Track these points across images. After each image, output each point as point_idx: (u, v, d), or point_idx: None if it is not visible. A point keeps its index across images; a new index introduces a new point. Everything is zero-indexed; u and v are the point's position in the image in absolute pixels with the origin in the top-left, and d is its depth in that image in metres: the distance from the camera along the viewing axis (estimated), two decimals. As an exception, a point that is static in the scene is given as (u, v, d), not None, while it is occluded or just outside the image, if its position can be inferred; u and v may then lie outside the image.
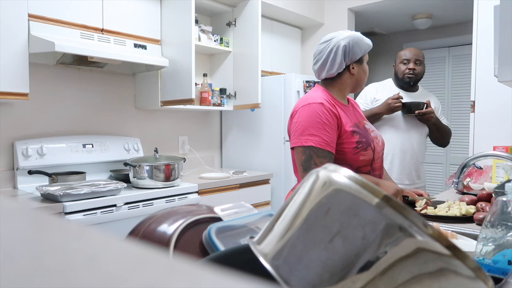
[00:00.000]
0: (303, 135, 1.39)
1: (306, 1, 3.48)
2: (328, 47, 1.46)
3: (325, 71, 1.48)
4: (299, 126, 1.40)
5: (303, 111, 1.41)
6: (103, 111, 2.55)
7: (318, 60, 1.50)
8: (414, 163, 2.27)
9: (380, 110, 2.12)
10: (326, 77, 1.51)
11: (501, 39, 1.37)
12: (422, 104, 2.13)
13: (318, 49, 1.50)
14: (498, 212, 0.77)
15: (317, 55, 1.51)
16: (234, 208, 0.70)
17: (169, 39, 2.53)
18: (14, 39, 1.87)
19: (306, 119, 1.40)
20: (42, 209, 1.72)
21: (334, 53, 1.45)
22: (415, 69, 2.23)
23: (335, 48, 1.44)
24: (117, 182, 2.02)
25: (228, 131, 3.31)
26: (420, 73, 2.27)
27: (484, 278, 0.40)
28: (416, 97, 2.27)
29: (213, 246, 0.59)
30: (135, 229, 0.64)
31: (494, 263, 0.77)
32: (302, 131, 1.39)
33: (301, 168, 1.40)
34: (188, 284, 0.18)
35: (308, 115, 1.40)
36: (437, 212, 1.39)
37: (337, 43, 1.45)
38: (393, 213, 0.40)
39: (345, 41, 1.44)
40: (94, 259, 0.19)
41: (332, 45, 1.45)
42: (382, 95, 2.24)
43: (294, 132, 1.42)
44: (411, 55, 2.26)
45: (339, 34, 1.47)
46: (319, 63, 1.49)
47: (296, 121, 1.42)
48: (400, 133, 2.21)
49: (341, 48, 1.44)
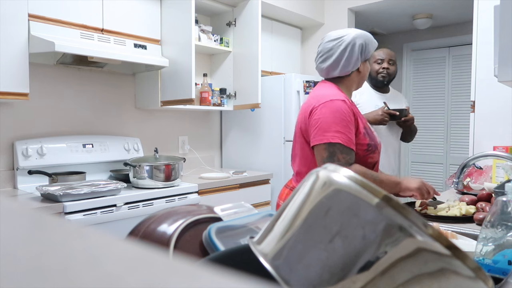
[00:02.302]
0: (329, 132, 1.36)
1: (306, 1, 3.48)
2: (341, 45, 1.45)
3: (338, 68, 1.47)
4: (323, 123, 1.38)
5: (326, 107, 1.38)
6: (103, 111, 2.55)
7: (327, 57, 1.47)
8: (396, 163, 2.38)
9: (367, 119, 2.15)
10: (339, 75, 1.49)
11: (501, 39, 1.37)
12: (405, 110, 2.23)
13: (326, 47, 1.48)
14: (498, 212, 0.77)
15: (325, 53, 1.48)
16: (234, 208, 0.70)
17: (169, 39, 2.53)
18: (14, 39, 1.87)
19: (330, 115, 1.37)
20: (42, 209, 1.72)
21: (350, 51, 1.44)
22: (388, 68, 2.31)
23: (351, 46, 1.44)
24: (117, 182, 2.02)
25: (228, 131, 3.31)
26: (393, 72, 2.35)
27: (484, 278, 0.40)
28: (388, 98, 2.37)
29: (213, 246, 0.59)
30: (135, 229, 0.64)
31: (494, 263, 0.77)
32: (328, 127, 1.37)
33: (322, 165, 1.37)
34: (188, 284, 0.18)
35: (332, 111, 1.38)
36: (437, 212, 1.39)
37: (352, 41, 1.44)
38: (393, 213, 0.40)
39: (361, 40, 1.45)
40: (94, 259, 0.19)
41: (346, 43, 1.44)
42: (361, 97, 2.31)
43: (317, 128, 1.39)
44: (385, 55, 2.33)
45: (350, 31, 1.47)
46: (329, 61, 1.47)
47: (319, 118, 1.39)
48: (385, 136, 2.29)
49: (357, 46, 1.44)
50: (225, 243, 0.60)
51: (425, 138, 4.69)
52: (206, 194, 2.40)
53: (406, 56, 4.79)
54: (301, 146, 1.49)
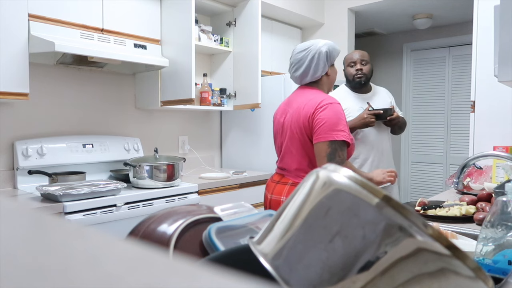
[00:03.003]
0: (334, 131, 1.57)
1: (306, 1, 3.48)
2: (309, 54, 1.66)
3: (309, 75, 1.68)
4: (328, 123, 1.57)
5: (328, 109, 1.58)
6: (103, 111, 2.55)
7: (299, 67, 1.69)
8: (387, 161, 2.38)
9: (354, 124, 2.21)
10: (311, 80, 1.70)
11: (501, 39, 1.37)
12: (390, 109, 2.25)
13: (297, 58, 1.69)
14: (498, 212, 0.77)
15: (296, 63, 1.70)
16: (234, 208, 0.70)
17: (169, 39, 2.53)
18: (14, 39, 1.87)
19: (333, 116, 1.58)
20: (42, 209, 1.72)
21: (317, 58, 1.66)
22: (362, 69, 2.33)
23: (317, 54, 1.65)
24: (117, 182, 2.02)
25: (228, 131, 3.31)
26: (368, 71, 2.36)
27: (484, 278, 0.40)
28: (371, 97, 2.39)
29: (213, 246, 0.59)
30: (135, 229, 0.64)
31: (494, 263, 0.77)
32: (332, 127, 1.57)
33: (324, 160, 1.57)
34: (188, 284, 0.18)
35: (334, 112, 1.59)
36: (437, 212, 1.39)
37: (318, 49, 1.66)
38: (393, 213, 0.40)
39: (325, 48, 1.66)
40: (94, 259, 0.19)
41: (313, 52, 1.66)
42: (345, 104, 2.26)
43: (322, 127, 1.57)
44: (356, 57, 2.37)
45: (315, 42, 1.69)
46: (301, 70, 1.69)
47: (323, 118, 1.57)
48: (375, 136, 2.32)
49: (323, 53, 1.65)
50: (225, 243, 0.60)
51: (425, 138, 4.70)
52: (206, 194, 2.40)
53: (406, 56, 4.79)
54: (302, 144, 1.64)
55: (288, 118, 1.71)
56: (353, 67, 2.35)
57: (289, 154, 1.70)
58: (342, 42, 3.59)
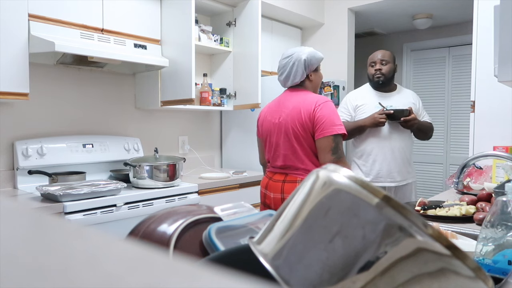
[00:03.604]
0: (335, 125, 1.71)
1: (306, 1, 3.48)
2: (290, 61, 1.80)
3: (290, 80, 1.83)
4: (328, 119, 1.71)
5: (326, 107, 1.72)
6: (103, 111, 2.55)
7: (283, 72, 1.84)
8: (402, 159, 2.39)
9: (365, 123, 2.28)
10: (291, 84, 1.85)
11: (501, 39, 1.36)
12: (406, 111, 2.27)
13: (281, 63, 1.85)
14: (498, 212, 0.77)
15: (281, 68, 1.85)
16: (234, 208, 0.70)
17: (169, 39, 2.53)
18: (14, 39, 1.87)
19: (332, 113, 1.73)
20: (42, 209, 1.72)
21: (297, 66, 1.80)
22: (381, 69, 2.38)
23: (297, 61, 1.79)
24: (117, 182, 2.02)
25: (228, 131, 3.31)
26: (388, 72, 2.40)
27: (484, 278, 0.40)
28: (395, 96, 2.42)
29: (213, 246, 0.59)
30: (135, 229, 0.64)
31: (494, 263, 0.77)
32: (333, 122, 1.71)
33: (329, 153, 1.70)
34: (188, 284, 0.18)
35: (332, 109, 1.74)
36: (437, 212, 1.39)
37: (298, 57, 1.79)
38: (393, 213, 0.40)
39: (304, 56, 1.79)
40: (94, 259, 0.19)
41: (294, 59, 1.80)
42: (363, 100, 2.42)
43: (324, 123, 1.70)
44: (376, 57, 2.41)
45: (298, 50, 1.82)
46: (284, 74, 1.84)
47: (323, 114, 1.71)
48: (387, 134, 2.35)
49: (302, 61, 1.79)
50: (225, 243, 0.60)
51: (425, 138, 4.69)
52: (206, 194, 2.40)
53: (406, 56, 4.79)
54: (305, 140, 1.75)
55: (285, 118, 1.79)
56: (373, 67, 2.41)
57: (291, 152, 1.78)
58: (342, 42, 3.59)
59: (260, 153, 2.10)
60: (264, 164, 2.08)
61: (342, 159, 1.72)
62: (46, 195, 1.85)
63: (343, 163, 1.73)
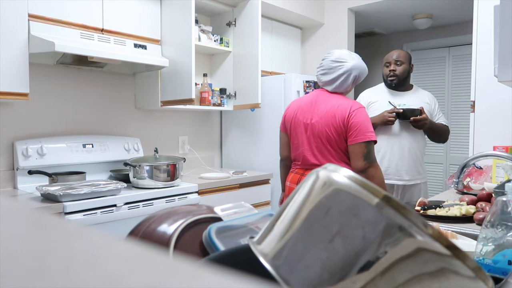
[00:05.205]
0: (368, 132, 1.74)
1: (306, 1, 3.48)
2: (340, 69, 1.78)
3: (332, 86, 1.82)
4: (363, 125, 1.73)
5: (359, 113, 1.75)
6: (103, 111, 2.55)
7: (327, 73, 1.81)
8: (413, 159, 2.39)
9: (375, 121, 2.27)
10: (332, 91, 1.83)
11: (501, 39, 1.36)
12: (417, 110, 2.27)
13: (327, 64, 1.80)
14: (498, 212, 0.77)
15: (326, 68, 1.81)
16: (234, 208, 0.70)
17: (169, 39, 2.53)
18: (14, 39, 1.87)
19: (365, 119, 1.75)
20: (42, 209, 1.72)
21: (346, 77, 1.78)
22: (395, 70, 2.38)
23: (347, 73, 1.78)
24: (117, 182, 2.02)
25: (228, 131, 3.31)
26: (402, 73, 2.39)
27: (484, 278, 0.40)
28: (409, 95, 2.42)
29: (213, 246, 0.59)
30: (135, 229, 0.64)
31: (494, 263, 0.77)
32: (366, 129, 1.73)
33: (361, 159, 1.72)
34: (188, 284, 0.18)
35: (365, 116, 1.77)
36: (437, 212, 1.39)
37: (350, 70, 1.77)
38: (393, 213, 0.40)
39: (356, 72, 1.78)
40: (94, 259, 0.19)
41: (344, 69, 1.77)
42: (376, 97, 2.44)
43: (358, 129, 1.73)
44: (391, 57, 2.41)
45: (351, 60, 1.79)
46: (328, 77, 1.81)
47: (357, 121, 1.73)
48: (397, 132, 2.35)
49: (352, 76, 1.78)
50: (225, 243, 0.60)
51: (425, 138, 4.69)
52: (206, 194, 2.40)
53: (406, 56, 4.79)
54: (337, 143, 1.78)
55: (318, 120, 1.80)
56: (388, 67, 2.41)
57: (324, 153, 1.80)
58: (342, 42, 3.59)
59: (282, 148, 2.04)
60: (285, 158, 2.04)
61: (374, 165, 1.74)
62: (46, 195, 1.85)
63: (375, 168, 1.74)
